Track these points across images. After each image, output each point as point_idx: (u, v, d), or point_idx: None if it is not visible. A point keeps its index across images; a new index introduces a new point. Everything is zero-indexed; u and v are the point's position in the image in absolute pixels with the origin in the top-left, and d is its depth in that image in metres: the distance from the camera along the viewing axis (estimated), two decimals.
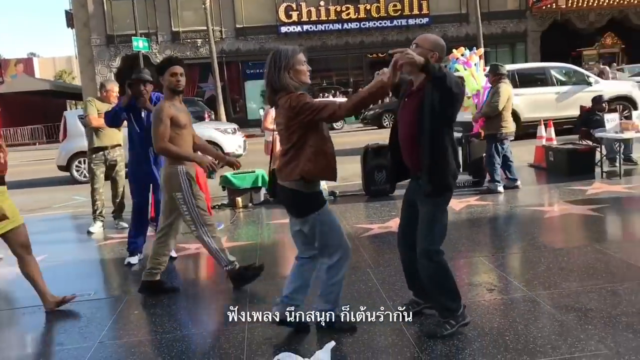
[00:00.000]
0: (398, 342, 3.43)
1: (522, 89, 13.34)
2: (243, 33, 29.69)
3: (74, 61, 49.11)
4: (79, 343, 3.82)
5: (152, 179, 5.52)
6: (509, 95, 7.63)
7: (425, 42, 3.41)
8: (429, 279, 3.45)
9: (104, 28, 29.35)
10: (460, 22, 30.22)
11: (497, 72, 7.81)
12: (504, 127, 7.63)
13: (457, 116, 3.38)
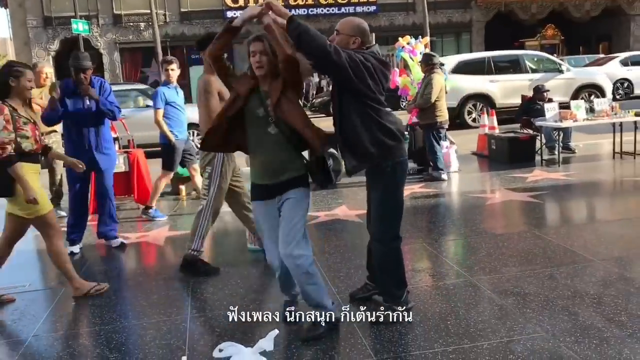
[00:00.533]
0: (342, 328, 3.43)
1: (497, 76, 13.79)
2: (188, 17, 29.05)
3: (8, 43, 46.94)
4: (11, 337, 3.66)
5: (93, 164, 5.32)
6: (441, 85, 7.76)
7: (346, 28, 3.38)
8: (379, 263, 3.49)
9: (40, 9, 28.13)
10: (407, 11, 30.48)
11: (430, 62, 7.91)
12: (438, 115, 7.77)
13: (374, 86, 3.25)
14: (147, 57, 28.52)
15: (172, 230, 6.16)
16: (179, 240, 5.76)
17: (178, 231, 6.11)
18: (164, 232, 6.08)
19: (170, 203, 7.55)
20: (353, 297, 3.83)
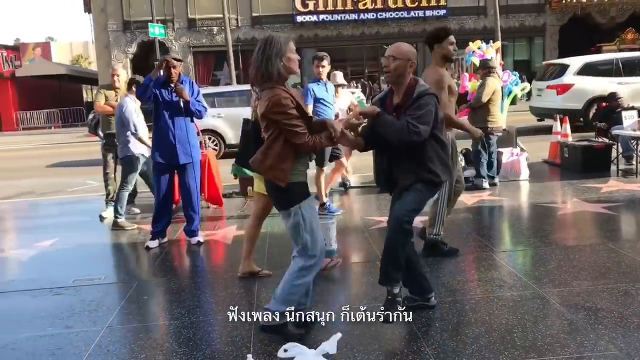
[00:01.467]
0: (405, 335, 3.42)
1: (626, 78, 13.34)
2: (259, 22, 29.63)
3: (90, 46, 49.36)
4: (88, 327, 3.85)
5: (175, 158, 5.53)
6: (494, 89, 7.59)
7: (401, 53, 3.48)
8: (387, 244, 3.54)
9: (120, 14, 29.43)
10: (478, 15, 29.95)
11: (487, 66, 7.84)
12: (490, 121, 7.60)
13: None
14: (219, 61, 29.30)
15: (240, 229, 6.30)
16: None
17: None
18: (232, 232, 6.23)
19: (237, 203, 7.72)
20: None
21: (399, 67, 3.43)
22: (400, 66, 3.43)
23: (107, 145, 7.18)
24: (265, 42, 3.28)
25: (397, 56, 3.44)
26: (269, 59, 3.22)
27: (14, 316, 4.12)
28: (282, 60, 3.24)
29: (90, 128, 8.06)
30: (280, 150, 3.26)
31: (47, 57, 39.14)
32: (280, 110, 3.18)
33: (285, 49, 3.25)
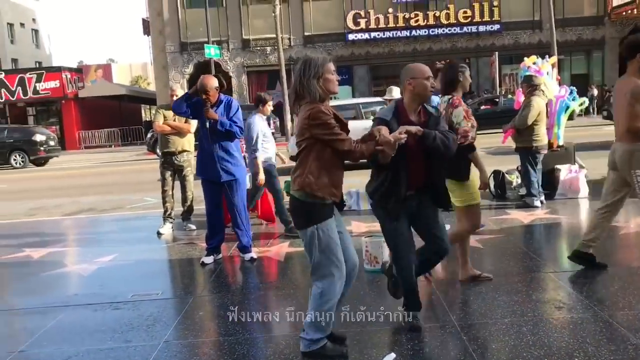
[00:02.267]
0: (460, 356, 3.35)
1: None
2: (311, 41, 30.02)
3: (149, 67, 51.06)
4: (145, 341, 3.95)
5: (217, 176, 5.65)
6: (540, 109, 7.38)
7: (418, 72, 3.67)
8: None
9: (178, 36, 30.39)
10: (533, 29, 29.43)
11: (531, 84, 7.57)
12: (535, 140, 7.40)
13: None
14: (272, 80, 29.78)
15: (292, 246, 6.35)
16: (297, 257, 5.93)
17: (298, 247, 6.28)
18: (285, 248, 6.28)
19: (290, 219, 7.77)
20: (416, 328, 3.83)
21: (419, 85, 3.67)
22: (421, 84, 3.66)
23: (166, 163, 7.38)
24: (304, 64, 3.34)
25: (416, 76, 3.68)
26: (308, 80, 3.28)
27: (76, 329, 4.26)
28: (320, 82, 3.29)
29: (148, 146, 8.35)
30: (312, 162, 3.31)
31: (108, 78, 40.78)
32: (320, 122, 3.23)
33: (323, 70, 3.31)
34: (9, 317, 4.73)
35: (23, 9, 53.04)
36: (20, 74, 35.27)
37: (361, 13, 29.19)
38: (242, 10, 30.12)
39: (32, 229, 8.57)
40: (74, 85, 35.99)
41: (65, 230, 8.34)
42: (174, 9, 30.16)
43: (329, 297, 3.34)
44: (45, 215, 10.11)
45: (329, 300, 3.34)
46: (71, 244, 7.37)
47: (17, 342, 4.07)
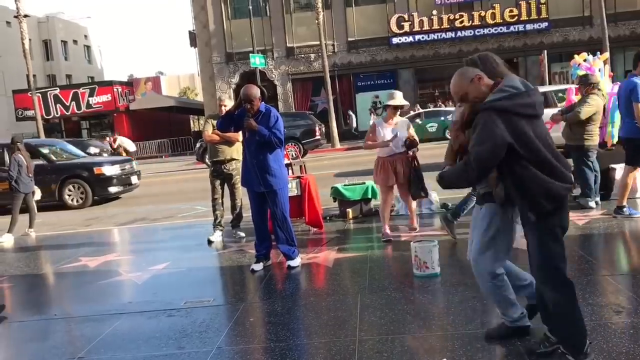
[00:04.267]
0: (507, 354, 3.28)
1: None
2: (355, 46, 30.03)
3: (196, 78, 52.08)
4: (198, 347, 4.01)
5: (258, 185, 5.72)
6: (597, 108, 7.12)
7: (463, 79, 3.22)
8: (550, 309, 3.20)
9: (223, 46, 30.92)
10: (583, 25, 28.62)
11: (589, 82, 7.29)
12: (586, 139, 7.16)
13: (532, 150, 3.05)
14: (317, 86, 29.91)
15: (340, 252, 6.35)
16: (346, 263, 5.93)
17: (346, 254, 6.28)
18: (333, 254, 6.28)
19: (337, 225, 7.78)
20: (531, 351, 3.39)
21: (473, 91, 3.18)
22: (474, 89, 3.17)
23: (215, 171, 7.51)
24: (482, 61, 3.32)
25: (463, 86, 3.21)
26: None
27: (132, 336, 4.37)
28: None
29: (197, 156, 8.49)
30: None
31: (157, 90, 41.76)
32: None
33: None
34: (67, 325, 4.89)
35: (76, 27, 55.08)
36: (74, 89, 36.63)
37: (405, 16, 29.02)
38: (285, 18, 30.41)
39: (88, 239, 8.85)
40: (125, 98, 37.09)
41: (120, 240, 8.59)
42: (220, 20, 30.71)
43: None
44: (100, 225, 10.43)
45: None
46: (125, 253, 7.57)
47: (75, 349, 4.21)
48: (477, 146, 3.01)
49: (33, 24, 44.48)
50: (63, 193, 13.24)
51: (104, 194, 13.63)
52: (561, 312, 3.13)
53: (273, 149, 5.73)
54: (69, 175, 13.35)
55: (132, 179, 14.44)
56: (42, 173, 12.34)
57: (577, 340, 3.15)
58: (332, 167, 15.92)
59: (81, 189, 13.34)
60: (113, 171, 13.77)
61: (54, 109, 35.42)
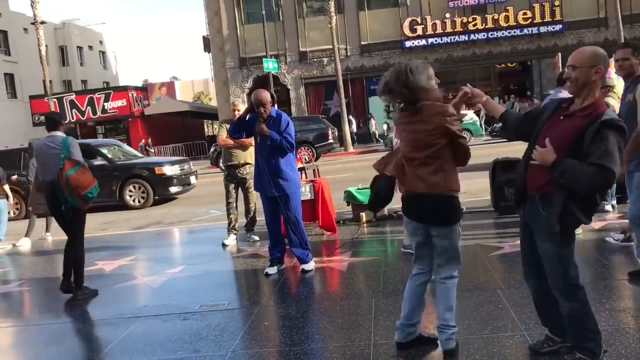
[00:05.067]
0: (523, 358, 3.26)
1: None
2: (368, 50, 30.02)
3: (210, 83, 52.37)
4: (213, 351, 4.03)
5: (269, 189, 5.73)
6: (613, 111, 7.04)
7: (583, 60, 3.00)
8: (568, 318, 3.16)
9: (237, 51, 31.06)
10: (598, 27, 28.39)
11: (604, 84, 7.23)
12: None
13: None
14: (330, 90, 29.92)
15: (354, 256, 6.34)
16: (360, 267, 5.92)
17: (360, 257, 6.28)
18: (347, 258, 6.28)
19: (351, 229, 7.78)
20: (536, 352, 3.44)
21: (579, 77, 2.98)
22: (583, 75, 2.97)
23: (229, 175, 7.55)
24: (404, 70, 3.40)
25: (577, 65, 2.99)
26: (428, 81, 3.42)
27: (148, 339, 4.40)
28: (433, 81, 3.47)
29: (211, 160, 8.53)
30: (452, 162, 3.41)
31: (171, 95, 42.10)
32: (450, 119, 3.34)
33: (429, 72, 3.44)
34: (84, 328, 4.94)
35: (91, 33, 55.62)
36: (90, 95, 36.97)
37: (417, 20, 28.98)
38: (298, 23, 30.49)
39: (104, 243, 8.93)
40: (139, 103, 37.36)
41: (135, 244, 8.65)
42: (233, 25, 30.86)
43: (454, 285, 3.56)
44: (115, 229, 10.52)
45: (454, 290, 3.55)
46: (140, 257, 7.62)
47: (92, 352, 4.25)
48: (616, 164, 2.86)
49: (49, 30, 45.01)
50: (124, 193, 13.23)
51: (165, 194, 13.64)
52: (578, 318, 3.11)
53: (285, 153, 5.75)
54: (130, 175, 13.37)
55: (191, 178, 14.48)
56: (103, 173, 12.28)
57: (595, 344, 3.12)
58: (345, 171, 15.92)
59: (142, 189, 13.35)
60: (173, 171, 13.78)
61: (70, 114, 35.77)
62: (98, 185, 5.77)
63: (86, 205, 5.73)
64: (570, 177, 2.89)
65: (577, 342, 3.18)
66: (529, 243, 3.26)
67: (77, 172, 5.54)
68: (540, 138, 3.08)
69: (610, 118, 2.91)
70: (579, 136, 2.92)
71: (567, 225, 3.00)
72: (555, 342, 3.37)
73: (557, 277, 3.10)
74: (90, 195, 5.66)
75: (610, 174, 2.82)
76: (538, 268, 3.24)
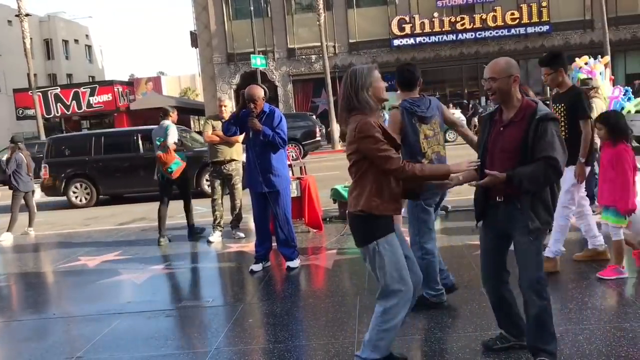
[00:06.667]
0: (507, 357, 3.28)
1: None
2: (356, 48, 30.02)
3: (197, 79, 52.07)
4: (197, 348, 4.01)
5: (259, 186, 5.71)
6: (601, 111, 7.13)
7: (499, 72, 3.19)
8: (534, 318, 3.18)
9: (224, 47, 30.92)
10: (584, 29, 28.61)
11: (591, 85, 7.33)
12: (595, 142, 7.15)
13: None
14: (318, 88, 29.89)
15: (339, 254, 6.35)
16: (345, 264, 5.92)
17: (345, 255, 6.28)
18: (333, 256, 6.28)
19: (337, 226, 7.78)
20: (489, 348, 3.53)
21: (501, 87, 3.17)
22: (503, 85, 3.17)
23: (215, 172, 7.52)
24: (351, 76, 3.25)
25: (495, 76, 3.18)
26: (357, 92, 3.20)
27: (131, 336, 4.37)
28: (369, 91, 3.21)
29: None
30: (372, 183, 3.18)
31: (158, 90, 41.73)
32: (368, 134, 3.11)
33: (371, 79, 3.23)
34: (66, 324, 4.89)
35: (77, 26, 55.07)
36: (75, 89, 36.57)
37: (406, 18, 29.02)
38: (287, 19, 30.40)
39: (87, 238, 8.85)
40: (125, 98, 37.06)
41: (119, 239, 8.58)
42: (221, 21, 30.70)
43: (392, 316, 3.19)
44: (99, 224, 10.43)
45: (391, 320, 3.19)
46: (124, 253, 7.56)
47: (74, 349, 4.20)
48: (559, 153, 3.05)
49: (34, 23, 44.49)
50: (201, 182, 12.66)
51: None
52: (544, 318, 3.15)
53: (277, 149, 5.74)
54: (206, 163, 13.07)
55: None
56: None
57: (554, 347, 3.16)
58: (332, 169, 15.92)
59: None
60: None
61: (55, 108, 35.39)
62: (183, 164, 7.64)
63: (171, 175, 7.58)
64: (528, 182, 3.03)
65: (539, 344, 3.16)
66: (492, 245, 3.35)
67: (164, 153, 7.48)
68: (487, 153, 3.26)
69: (545, 113, 3.10)
70: (524, 139, 3.10)
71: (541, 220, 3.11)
72: (508, 340, 3.48)
73: (533, 270, 3.15)
74: (170, 170, 7.54)
75: (554, 161, 3.00)
76: (499, 269, 3.35)
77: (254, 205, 5.89)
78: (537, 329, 3.17)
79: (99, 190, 13.11)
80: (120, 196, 13.64)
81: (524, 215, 3.10)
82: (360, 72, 3.24)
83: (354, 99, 3.21)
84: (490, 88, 3.21)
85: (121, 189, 13.39)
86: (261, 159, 5.68)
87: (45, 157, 13.41)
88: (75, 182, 13.09)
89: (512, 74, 3.18)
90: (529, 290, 3.15)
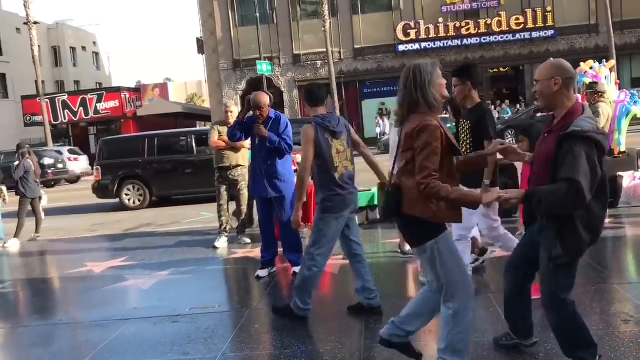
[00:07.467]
0: None
1: None
2: (361, 53, 30.08)
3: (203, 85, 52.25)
4: (203, 354, 4.01)
5: (264, 191, 5.71)
6: (608, 116, 7.10)
7: (541, 74, 3.03)
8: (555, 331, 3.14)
9: (231, 53, 31.04)
10: (589, 33, 28.58)
11: (597, 90, 7.26)
12: None
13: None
14: None
15: (345, 259, 6.31)
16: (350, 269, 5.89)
17: None
18: (339, 261, 6.26)
19: None
20: (496, 343, 3.61)
21: (542, 90, 3.00)
22: (544, 88, 3.00)
23: (221, 177, 7.52)
24: (414, 71, 3.09)
25: (538, 78, 3.04)
26: (423, 89, 3.05)
27: (137, 342, 4.37)
28: (434, 88, 3.08)
29: None
30: None
31: (165, 96, 41.97)
32: (427, 136, 2.96)
33: (434, 76, 3.10)
34: (72, 330, 4.89)
35: (84, 34, 55.42)
36: (82, 95, 36.75)
37: (411, 24, 29.07)
38: (292, 26, 30.51)
39: (94, 244, 8.88)
40: (132, 104, 37.21)
41: (125, 245, 8.60)
42: (227, 27, 30.83)
43: (464, 315, 3.10)
44: (106, 230, 10.45)
45: (464, 318, 3.10)
46: (131, 259, 7.58)
47: (81, 355, 4.21)
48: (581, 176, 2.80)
49: (42, 30, 44.79)
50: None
51: None
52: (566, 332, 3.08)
53: (283, 155, 5.74)
54: None
55: None
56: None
57: (588, 354, 3.06)
58: None
59: None
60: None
61: (62, 115, 35.56)
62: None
63: None
64: (547, 203, 2.85)
65: (568, 353, 3.13)
66: (528, 241, 3.27)
67: None
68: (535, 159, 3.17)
69: (574, 129, 2.85)
70: (556, 153, 2.90)
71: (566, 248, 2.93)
72: (512, 338, 3.51)
73: (549, 287, 3.05)
74: None
75: (576, 184, 2.75)
76: (525, 262, 3.27)
77: (260, 210, 5.90)
78: (560, 340, 3.13)
79: (152, 191, 13.01)
80: (169, 198, 13.55)
81: (547, 239, 2.97)
82: (425, 68, 3.09)
83: (419, 97, 3.05)
84: (536, 91, 3.08)
85: (174, 190, 13.21)
86: (267, 165, 5.69)
87: (97, 160, 13.40)
88: (128, 184, 13.00)
89: (553, 76, 2.97)
90: (545, 305, 3.09)
